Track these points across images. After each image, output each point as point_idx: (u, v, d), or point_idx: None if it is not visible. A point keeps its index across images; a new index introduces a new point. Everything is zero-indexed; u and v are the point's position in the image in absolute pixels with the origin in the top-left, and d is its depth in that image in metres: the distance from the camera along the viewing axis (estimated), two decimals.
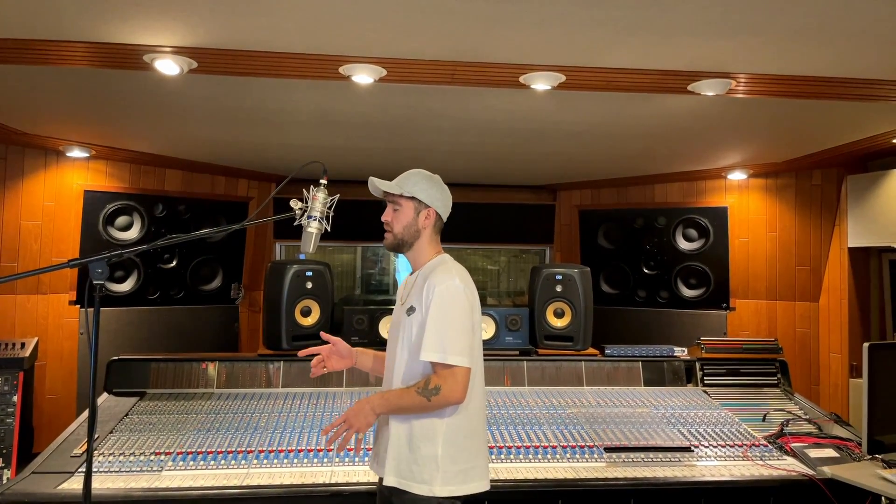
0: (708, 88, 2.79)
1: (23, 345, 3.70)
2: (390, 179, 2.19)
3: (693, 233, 5.11)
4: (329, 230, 2.17)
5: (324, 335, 2.31)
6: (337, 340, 2.31)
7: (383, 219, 2.17)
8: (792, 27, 2.21)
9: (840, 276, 4.43)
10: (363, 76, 2.69)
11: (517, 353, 3.69)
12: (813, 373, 4.62)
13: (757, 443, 2.98)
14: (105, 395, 3.29)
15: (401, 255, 2.27)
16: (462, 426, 2.05)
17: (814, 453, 2.84)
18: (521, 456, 2.79)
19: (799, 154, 4.25)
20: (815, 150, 4.10)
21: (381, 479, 2.16)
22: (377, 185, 2.15)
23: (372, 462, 2.22)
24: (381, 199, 2.23)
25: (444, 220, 2.23)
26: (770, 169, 4.69)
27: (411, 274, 2.24)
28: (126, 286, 4.65)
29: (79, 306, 4.42)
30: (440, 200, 2.19)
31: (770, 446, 2.96)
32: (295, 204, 2.13)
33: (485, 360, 3.48)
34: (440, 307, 1.99)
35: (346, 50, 2.50)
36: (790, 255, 4.75)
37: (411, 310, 2.09)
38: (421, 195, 2.14)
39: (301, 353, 2.30)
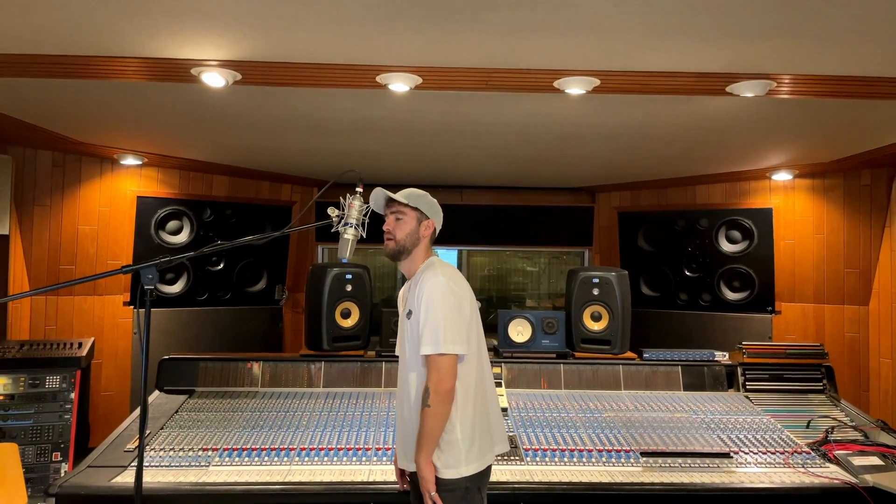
0: (747, 90, 2.76)
1: (80, 344, 3.89)
2: (419, 186, 2.36)
3: (736, 234, 5.02)
4: (364, 236, 2.25)
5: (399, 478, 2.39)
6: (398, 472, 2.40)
7: (385, 228, 2.30)
8: (830, 29, 2.18)
9: (891, 278, 4.29)
10: (399, 84, 2.75)
11: (554, 356, 3.69)
12: (862, 378, 4.48)
13: (799, 450, 2.93)
14: (156, 392, 3.44)
15: None
16: (471, 408, 2.18)
17: (858, 461, 2.77)
18: (556, 459, 2.81)
19: (846, 154, 4.14)
20: (863, 149, 3.99)
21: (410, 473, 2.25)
22: (387, 194, 2.29)
23: (401, 459, 2.30)
24: (378, 212, 2.35)
25: (436, 234, 2.38)
26: (817, 169, 4.57)
27: (406, 283, 2.37)
28: (176, 288, 4.84)
29: (132, 307, 4.62)
30: (438, 216, 2.35)
31: (813, 453, 2.90)
32: (332, 211, 2.21)
33: (522, 362, 3.57)
34: (428, 304, 2.14)
35: (382, 59, 2.57)
36: (838, 258, 4.62)
37: (409, 314, 2.23)
38: (423, 208, 2.30)
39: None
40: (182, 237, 4.84)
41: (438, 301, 2.13)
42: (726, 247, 5.04)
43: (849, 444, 2.95)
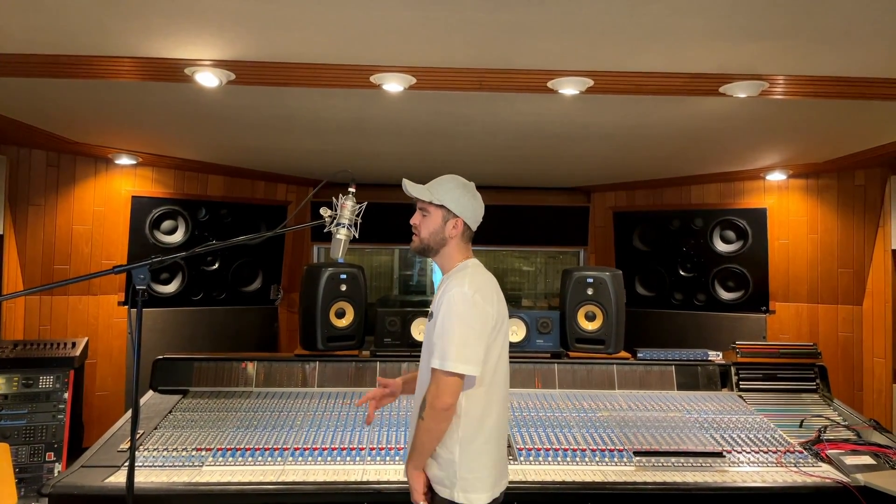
0: (740, 90, 2.77)
1: (73, 344, 3.88)
2: (422, 184, 2.19)
3: (731, 234, 5.04)
4: (357, 237, 2.24)
5: (381, 380, 2.35)
6: (390, 383, 2.34)
7: (412, 222, 2.18)
8: (823, 30, 2.18)
9: (884, 278, 4.31)
10: (393, 84, 2.76)
11: (548, 355, 3.70)
12: (856, 378, 4.50)
13: (792, 449, 2.94)
14: (150, 392, 3.44)
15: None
16: (478, 435, 2.04)
17: (850, 460, 2.78)
18: (549, 458, 2.81)
19: (840, 154, 4.15)
20: (857, 149, 4.00)
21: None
22: (409, 189, 2.15)
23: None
24: (413, 200, 2.23)
25: (474, 229, 2.23)
26: (811, 169, 4.59)
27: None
28: (171, 287, 4.83)
29: (127, 307, 4.61)
30: (470, 210, 2.15)
31: (805, 453, 2.91)
32: (325, 212, 2.20)
33: (516, 362, 3.56)
34: (446, 315, 1.98)
35: (376, 60, 2.57)
36: (832, 258, 4.64)
37: (431, 316, 2.12)
38: (450, 204, 2.11)
39: (359, 404, 2.33)
40: (177, 237, 4.84)
41: (458, 314, 1.96)
42: (721, 247, 5.06)
43: (841, 443, 2.96)
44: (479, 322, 1.99)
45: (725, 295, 5.02)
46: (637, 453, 2.86)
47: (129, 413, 3.17)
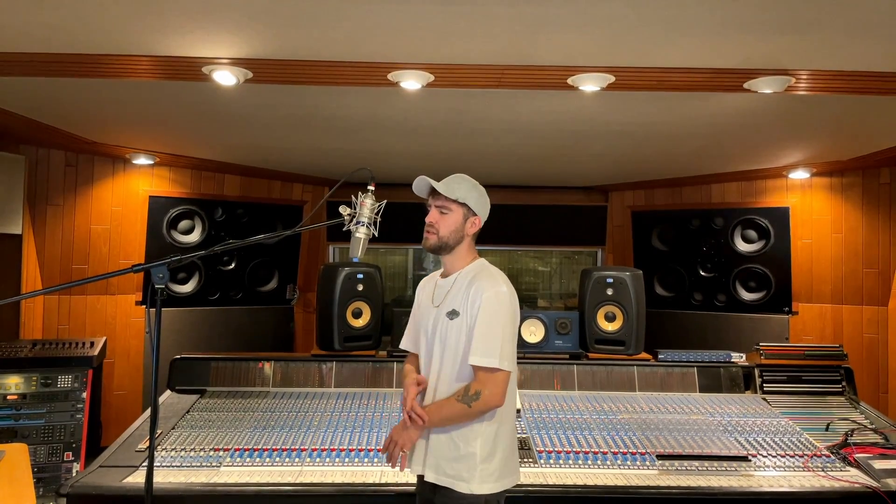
0: (765, 86, 2.71)
1: (92, 343, 3.89)
2: (438, 181, 2.17)
3: (752, 234, 4.96)
4: (377, 235, 2.20)
5: (418, 378, 2.20)
6: (422, 380, 2.22)
7: (428, 220, 2.16)
8: (852, 23, 2.13)
9: None
10: (411, 82, 2.73)
11: (567, 356, 3.65)
12: (881, 380, 4.40)
13: (819, 453, 2.87)
14: (168, 392, 3.43)
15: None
16: (499, 427, 2.10)
17: (879, 464, 2.71)
18: (570, 461, 2.77)
19: (865, 151, 4.07)
20: (883, 146, 3.92)
21: (420, 477, 2.18)
22: (430, 184, 2.13)
23: (409, 460, 2.18)
24: (422, 198, 2.21)
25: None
26: (835, 167, 4.50)
27: (443, 276, 2.24)
28: (188, 287, 4.84)
29: (144, 307, 4.63)
30: (484, 210, 2.20)
31: (833, 457, 2.84)
32: (343, 210, 2.17)
33: (535, 363, 3.52)
34: (489, 313, 2.04)
35: (393, 57, 2.54)
36: (857, 257, 4.54)
37: (453, 313, 2.11)
38: (471, 203, 2.15)
39: (408, 411, 2.12)
40: (194, 237, 4.85)
41: (501, 314, 2.05)
42: (742, 246, 4.98)
43: (869, 447, 2.88)
44: (515, 321, 2.13)
45: (747, 295, 4.94)
46: (660, 457, 2.81)
47: (147, 413, 3.17)
